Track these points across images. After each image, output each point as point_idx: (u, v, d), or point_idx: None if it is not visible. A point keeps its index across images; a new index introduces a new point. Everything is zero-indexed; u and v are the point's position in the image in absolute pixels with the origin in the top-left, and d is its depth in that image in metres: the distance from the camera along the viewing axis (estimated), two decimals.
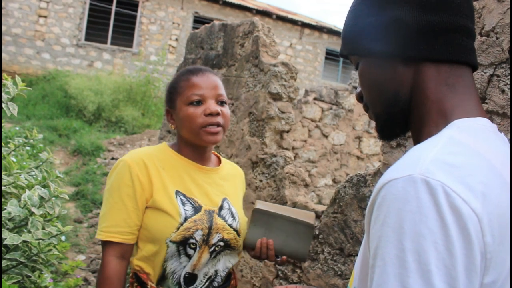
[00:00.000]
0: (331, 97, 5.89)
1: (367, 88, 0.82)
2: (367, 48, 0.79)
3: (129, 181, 1.32)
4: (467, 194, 0.58)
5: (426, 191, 0.58)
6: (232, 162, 1.67)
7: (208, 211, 1.38)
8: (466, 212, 0.57)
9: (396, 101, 0.77)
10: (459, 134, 0.68)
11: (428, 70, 0.74)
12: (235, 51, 3.36)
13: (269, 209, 1.46)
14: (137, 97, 10.15)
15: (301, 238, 1.43)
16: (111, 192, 1.34)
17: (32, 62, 11.36)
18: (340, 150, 5.98)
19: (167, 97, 1.48)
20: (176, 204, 1.33)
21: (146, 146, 7.72)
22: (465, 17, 0.74)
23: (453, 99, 0.73)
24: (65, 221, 4.63)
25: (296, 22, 14.37)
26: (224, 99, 1.43)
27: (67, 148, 7.64)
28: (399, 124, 0.81)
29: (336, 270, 2.14)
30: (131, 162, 1.34)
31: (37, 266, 1.85)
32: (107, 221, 1.32)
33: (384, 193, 0.62)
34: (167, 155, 1.43)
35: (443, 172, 0.60)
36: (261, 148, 2.88)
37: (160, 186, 1.34)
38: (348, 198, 2.10)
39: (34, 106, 9.35)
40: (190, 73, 1.43)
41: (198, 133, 1.37)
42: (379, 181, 0.66)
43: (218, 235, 1.37)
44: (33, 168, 2.40)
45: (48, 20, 11.49)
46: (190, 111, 1.36)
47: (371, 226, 0.65)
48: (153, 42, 12.57)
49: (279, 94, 2.89)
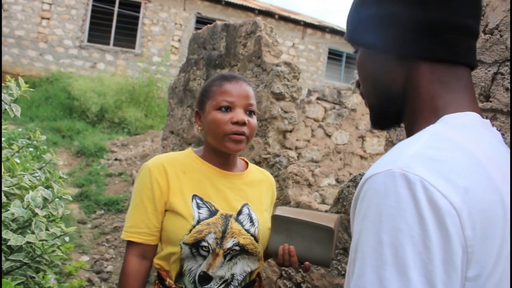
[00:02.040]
0: (334, 97, 5.88)
1: (362, 78, 0.83)
2: (364, 39, 0.79)
3: (149, 184, 1.37)
4: (447, 188, 0.58)
5: (404, 185, 0.59)
6: (263, 169, 1.67)
7: (225, 215, 1.39)
8: (444, 207, 0.57)
9: (389, 95, 0.77)
10: (445, 129, 0.68)
11: (422, 68, 0.73)
12: (238, 51, 3.36)
13: (288, 214, 1.42)
14: (140, 98, 10.17)
15: (323, 243, 1.38)
16: (134, 195, 1.41)
17: (35, 64, 11.40)
18: (343, 149, 5.97)
19: (198, 98, 1.51)
20: (191, 207, 1.36)
21: (149, 146, 7.74)
22: (467, 15, 0.73)
23: (446, 97, 0.73)
24: (69, 222, 4.64)
25: (298, 22, 14.36)
26: (254, 108, 1.43)
27: (71, 149, 7.66)
28: (391, 116, 0.81)
29: (340, 270, 2.13)
30: (152, 167, 1.39)
31: (41, 267, 1.85)
32: (129, 222, 1.39)
33: (366, 187, 0.63)
34: (190, 160, 1.46)
35: (423, 167, 0.60)
36: (264, 148, 2.88)
37: (177, 190, 1.38)
38: (351, 198, 2.10)
39: (37, 108, 9.38)
40: (223, 79, 1.44)
41: (222, 140, 1.38)
42: (363, 176, 0.66)
43: (233, 240, 1.37)
44: (37, 169, 2.40)
45: (51, 22, 11.53)
46: (218, 117, 1.38)
47: (354, 221, 0.65)
48: (156, 43, 12.59)
49: (282, 94, 2.88)
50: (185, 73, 4.43)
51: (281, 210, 1.46)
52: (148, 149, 7.59)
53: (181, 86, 4.45)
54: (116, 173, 6.57)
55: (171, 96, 4.72)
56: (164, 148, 4.73)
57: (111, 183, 6.24)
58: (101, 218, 5.20)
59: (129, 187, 5.97)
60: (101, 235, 4.78)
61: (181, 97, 4.41)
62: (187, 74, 4.35)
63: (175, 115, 4.49)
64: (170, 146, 4.54)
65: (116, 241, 4.65)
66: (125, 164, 6.96)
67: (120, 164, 7.02)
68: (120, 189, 5.96)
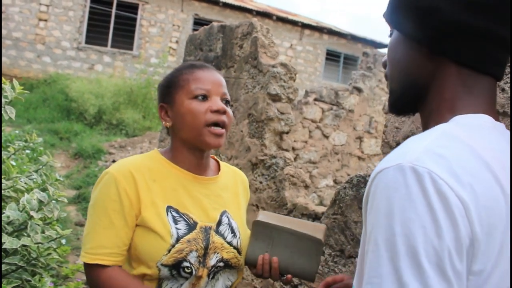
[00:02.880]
0: (332, 98, 5.88)
1: (390, 61, 0.83)
2: (401, 25, 0.79)
3: (115, 196, 1.17)
4: (454, 182, 0.60)
5: (413, 178, 0.61)
6: (233, 166, 1.52)
7: (205, 228, 1.23)
8: (452, 199, 0.59)
9: (412, 85, 0.78)
10: (454, 128, 0.70)
11: (450, 69, 0.73)
12: (234, 52, 3.36)
13: (272, 221, 1.30)
14: (137, 100, 10.17)
15: (308, 255, 1.26)
16: (95, 208, 1.19)
17: (33, 65, 11.38)
18: (341, 150, 5.97)
19: (162, 91, 1.33)
20: (167, 222, 1.18)
21: (147, 148, 7.73)
22: (506, 27, 0.71)
23: (466, 100, 0.73)
24: (66, 225, 4.62)
25: (296, 23, 14.37)
26: (229, 98, 1.32)
27: (68, 151, 7.65)
28: (409, 104, 0.82)
29: (336, 271, 2.13)
30: (118, 175, 1.19)
31: (37, 270, 1.84)
32: (92, 241, 1.17)
33: (377, 182, 0.65)
34: (159, 164, 1.27)
35: (431, 161, 0.62)
36: (261, 149, 2.88)
37: (149, 202, 1.20)
38: (348, 199, 2.10)
39: (35, 110, 9.37)
40: (194, 67, 1.31)
41: (201, 132, 1.22)
42: (373, 171, 0.68)
43: (217, 255, 1.23)
44: (33, 172, 2.39)
45: (48, 23, 11.52)
46: (194, 106, 1.22)
47: (367, 215, 0.67)
48: (154, 45, 12.59)
49: (278, 95, 2.88)
50: None
51: (263, 215, 1.34)
52: (146, 150, 7.58)
53: None
54: None
55: None
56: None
57: None
58: None
59: None
60: None
61: None
62: None
63: None
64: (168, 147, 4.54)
65: None
66: None
67: None
68: None
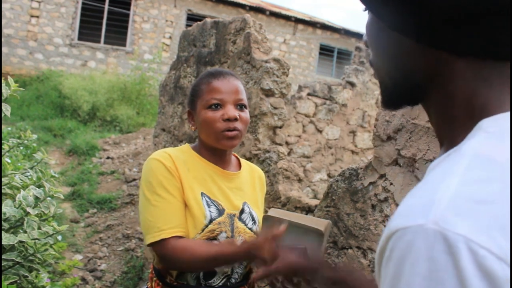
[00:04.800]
0: (325, 92, 5.91)
1: (373, 47, 0.65)
2: (376, 8, 0.60)
3: (167, 173, 1.31)
4: (504, 245, 0.41)
5: (442, 249, 0.42)
6: (251, 163, 1.67)
7: (230, 215, 1.39)
8: (502, 275, 0.40)
9: (408, 83, 0.62)
10: (487, 145, 0.51)
11: (456, 61, 0.56)
12: (227, 48, 3.38)
13: (280, 215, 1.42)
14: (131, 96, 10.15)
15: (311, 247, 1.33)
16: (154, 190, 1.30)
17: (25, 62, 11.32)
18: (334, 144, 6.01)
19: (189, 98, 1.49)
20: (202, 205, 1.34)
21: (141, 144, 7.73)
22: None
23: (486, 95, 0.56)
24: (61, 221, 4.64)
25: (289, 18, 14.37)
26: (244, 103, 1.42)
27: (62, 148, 7.64)
28: (407, 99, 0.66)
29: (330, 263, 2.17)
30: (161, 158, 1.34)
31: (34, 266, 1.86)
32: (163, 219, 1.28)
33: (392, 245, 0.47)
34: (190, 157, 1.43)
35: (467, 218, 0.43)
36: (255, 144, 2.90)
37: (187, 185, 1.34)
38: (340, 192, 2.13)
39: (28, 107, 9.33)
40: (211, 76, 1.43)
41: (216, 137, 1.37)
42: (388, 225, 0.50)
43: (241, 238, 1.38)
44: (28, 169, 2.41)
45: (40, 20, 11.45)
46: (209, 115, 1.36)
47: (381, 281, 0.51)
48: (147, 41, 12.55)
49: (271, 90, 2.91)
50: (176, 70, 4.44)
51: (273, 212, 1.46)
52: (140, 147, 7.58)
53: (172, 83, 4.46)
54: (108, 172, 6.57)
55: (162, 94, 4.73)
56: (156, 146, 4.74)
57: (103, 182, 6.24)
58: (94, 216, 5.20)
59: (121, 185, 5.97)
60: (94, 233, 4.78)
61: (172, 94, 4.42)
62: (178, 71, 4.36)
63: (166, 112, 4.50)
64: (162, 143, 4.55)
65: (109, 239, 4.66)
66: (117, 162, 6.96)
67: (112, 162, 7.02)
68: (113, 187, 5.97)
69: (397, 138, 1.85)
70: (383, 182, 1.90)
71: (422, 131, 1.73)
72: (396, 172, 1.84)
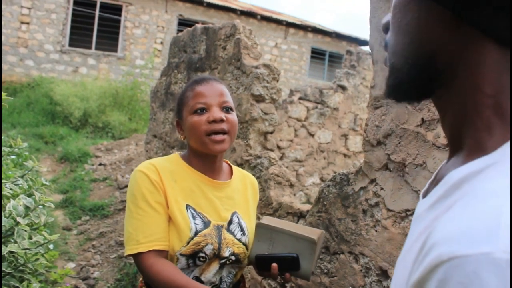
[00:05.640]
0: (316, 96, 5.93)
1: (395, 26, 0.58)
2: None
3: (151, 187, 1.32)
4: None
5: None
6: (243, 170, 1.66)
7: (217, 226, 1.38)
8: None
9: (427, 66, 0.54)
10: None
11: (488, 47, 0.49)
12: (218, 54, 3.39)
13: (273, 223, 1.43)
14: (123, 102, 10.12)
15: (304, 255, 1.37)
16: (137, 203, 1.32)
17: (16, 69, 11.26)
18: (326, 148, 6.02)
19: (176, 108, 1.50)
20: (187, 217, 1.33)
21: (133, 150, 7.71)
22: None
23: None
24: (53, 229, 4.61)
25: (280, 22, 14.42)
26: (230, 105, 1.43)
27: (54, 155, 7.59)
28: (420, 91, 0.58)
29: (322, 268, 2.17)
30: (146, 170, 1.34)
31: (24, 276, 1.85)
32: (143, 231, 1.29)
33: (443, 277, 0.39)
34: (179, 166, 1.43)
35: None
36: (246, 150, 2.91)
37: (172, 198, 1.34)
38: (331, 197, 2.14)
39: (19, 114, 9.27)
40: (195, 83, 1.45)
41: (203, 142, 1.37)
42: (428, 250, 0.43)
43: (229, 249, 1.38)
44: (19, 177, 2.39)
45: (30, 26, 11.39)
46: (194, 119, 1.37)
47: None
48: (138, 46, 12.53)
49: (262, 95, 2.92)
50: (167, 76, 4.44)
51: (266, 219, 1.47)
52: (132, 153, 7.56)
53: (163, 89, 4.46)
54: (100, 178, 6.54)
55: (153, 100, 4.72)
56: (148, 152, 4.73)
57: (96, 188, 6.20)
58: (86, 224, 5.17)
59: (114, 192, 5.94)
60: (87, 241, 4.75)
61: (163, 100, 4.41)
62: (169, 77, 4.36)
63: (158, 118, 4.50)
64: (154, 150, 4.54)
65: (102, 246, 4.63)
66: (110, 169, 6.92)
67: (105, 169, 6.98)
68: (105, 194, 5.94)
69: (387, 143, 1.86)
70: (373, 187, 1.91)
71: (412, 135, 1.74)
72: (387, 177, 1.85)
